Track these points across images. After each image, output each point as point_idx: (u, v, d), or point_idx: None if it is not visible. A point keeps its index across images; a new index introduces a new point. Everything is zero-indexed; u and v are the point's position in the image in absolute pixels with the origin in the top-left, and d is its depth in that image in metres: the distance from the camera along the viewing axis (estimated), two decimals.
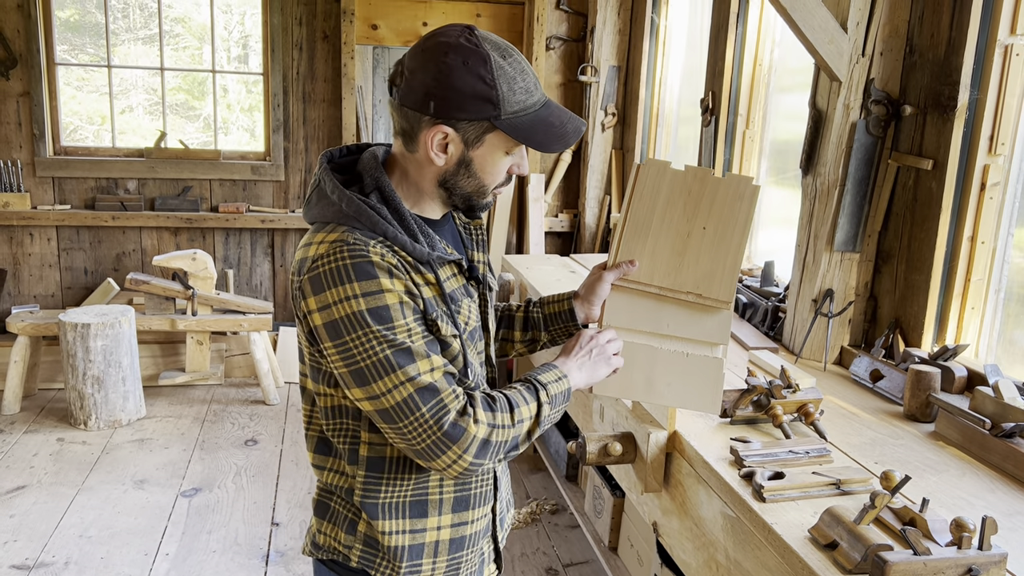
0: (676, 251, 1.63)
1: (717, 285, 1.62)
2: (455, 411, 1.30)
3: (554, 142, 1.37)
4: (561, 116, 1.38)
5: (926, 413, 2.18)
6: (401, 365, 1.28)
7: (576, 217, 5.49)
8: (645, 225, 1.63)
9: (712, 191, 1.60)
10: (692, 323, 1.63)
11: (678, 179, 1.61)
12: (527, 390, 1.41)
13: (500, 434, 1.33)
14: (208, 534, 3.42)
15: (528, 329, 1.72)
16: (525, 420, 1.38)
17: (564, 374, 1.47)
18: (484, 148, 1.36)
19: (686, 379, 1.63)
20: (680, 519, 2.04)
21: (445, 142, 1.34)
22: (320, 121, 5.25)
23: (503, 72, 1.31)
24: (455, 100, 1.30)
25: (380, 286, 1.28)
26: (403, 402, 1.28)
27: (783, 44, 3.54)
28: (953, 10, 2.37)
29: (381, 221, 1.32)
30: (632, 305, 1.65)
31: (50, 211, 4.96)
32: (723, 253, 1.61)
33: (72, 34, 5.27)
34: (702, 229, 1.62)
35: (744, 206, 1.60)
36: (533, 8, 5.17)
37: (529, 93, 1.35)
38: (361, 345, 1.28)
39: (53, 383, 4.91)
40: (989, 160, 2.38)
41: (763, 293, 3.14)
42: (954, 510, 1.69)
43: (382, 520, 1.41)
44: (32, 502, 3.62)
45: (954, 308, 2.47)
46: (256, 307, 4.86)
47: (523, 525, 3.58)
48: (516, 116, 1.33)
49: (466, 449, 1.29)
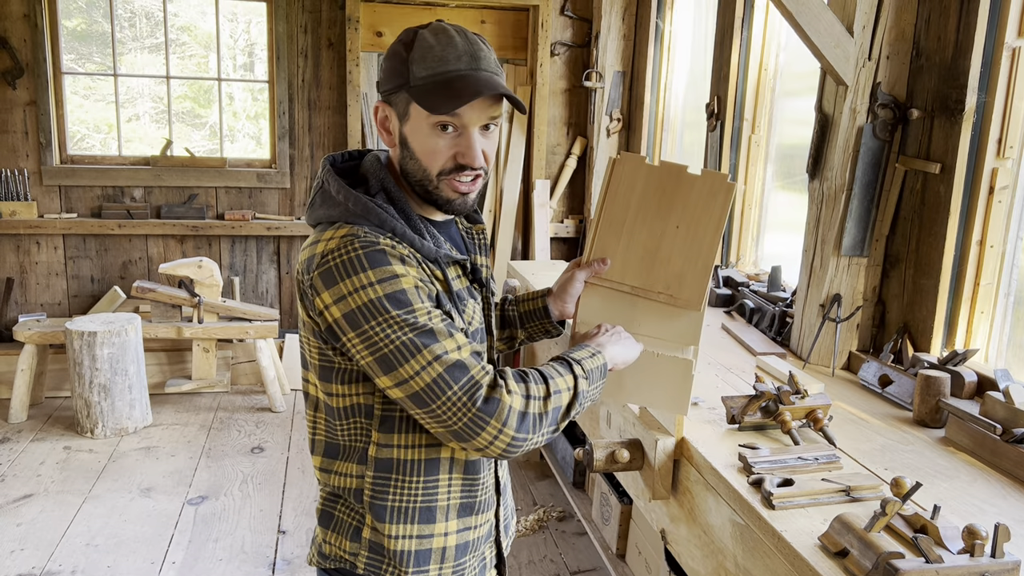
0: (649, 250, 1.61)
1: (688, 286, 1.60)
2: (487, 385, 1.28)
3: (443, 101, 1.31)
4: (473, 82, 1.32)
5: (936, 419, 2.17)
6: (427, 345, 1.26)
7: (581, 222, 5.49)
8: (619, 222, 1.61)
9: (687, 188, 1.58)
10: (663, 323, 1.61)
11: (653, 175, 1.59)
12: (560, 364, 1.39)
13: (536, 405, 1.30)
14: (215, 542, 3.42)
15: (505, 327, 1.73)
16: (562, 391, 1.34)
17: (598, 349, 1.45)
18: (412, 122, 1.36)
19: (655, 379, 1.60)
20: (688, 526, 2.03)
21: (387, 123, 1.40)
22: (325, 128, 5.26)
23: (422, 43, 1.34)
24: (383, 74, 1.39)
25: (394, 272, 1.28)
26: (433, 382, 1.26)
27: (788, 48, 3.53)
28: (960, 13, 2.36)
29: (389, 218, 1.33)
30: (605, 304, 1.64)
31: (57, 219, 4.97)
32: (695, 253, 1.59)
33: (79, 43, 5.29)
34: (675, 228, 1.59)
35: (718, 204, 1.56)
36: (538, 14, 5.17)
37: (444, 62, 1.33)
38: (383, 331, 1.26)
39: (60, 391, 4.92)
40: (998, 163, 2.36)
41: (770, 298, 3.13)
42: (966, 517, 1.67)
43: (389, 524, 1.40)
44: (39, 510, 3.61)
45: (963, 312, 2.46)
46: (262, 314, 4.87)
47: (530, 532, 3.56)
48: (424, 80, 1.33)
49: (505, 421, 1.26)
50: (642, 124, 4.98)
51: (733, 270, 3.70)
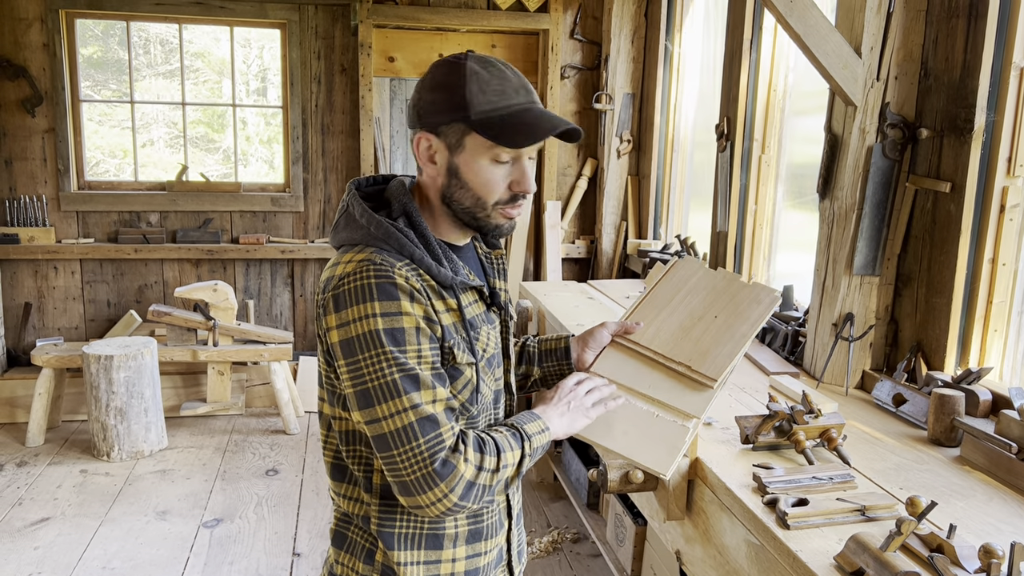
0: (684, 328, 1.67)
1: (709, 364, 1.61)
2: (449, 447, 1.29)
3: (521, 135, 1.34)
4: (540, 116, 1.36)
5: (951, 437, 2.16)
6: (407, 391, 1.28)
7: (593, 243, 5.50)
8: (663, 302, 1.71)
9: (735, 291, 1.68)
10: (673, 392, 1.61)
11: (708, 277, 1.71)
12: (513, 437, 1.39)
13: (485, 477, 1.32)
14: (230, 565, 3.43)
15: (522, 363, 1.72)
16: (509, 466, 1.36)
17: (546, 426, 1.45)
18: (466, 153, 1.37)
19: (645, 434, 1.56)
20: (703, 547, 2.02)
21: (432, 152, 1.38)
22: (339, 152, 5.31)
23: (476, 76, 1.34)
24: (430, 106, 1.36)
25: (400, 308, 1.29)
26: (403, 429, 1.28)
27: (797, 69, 3.55)
28: (967, 33, 2.37)
29: (408, 244, 1.35)
30: (623, 361, 1.66)
31: (74, 244, 5.03)
32: (725, 339, 1.63)
33: (95, 70, 5.38)
34: (714, 317, 1.66)
35: (760, 309, 1.65)
36: (548, 38, 5.23)
37: (504, 95, 1.35)
38: (373, 365, 1.29)
39: (77, 415, 4.96)
40: (1008, 182, 2.37)
41: (783, 318, 3.13)
42: (982, 536, 1.67)
43: (398, 551, 1.41)
44: (56, 534, 3.64)
45: (976, 330, 2.45)
46: (276, 337, 4.90)
47: (544, 554, 3.56)
48: (486, 115, 1.34)
49: (452, 488, 1.28)
50: (652, 145, 5.01)
51: None
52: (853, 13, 2.55)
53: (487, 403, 1.46)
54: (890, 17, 2.50)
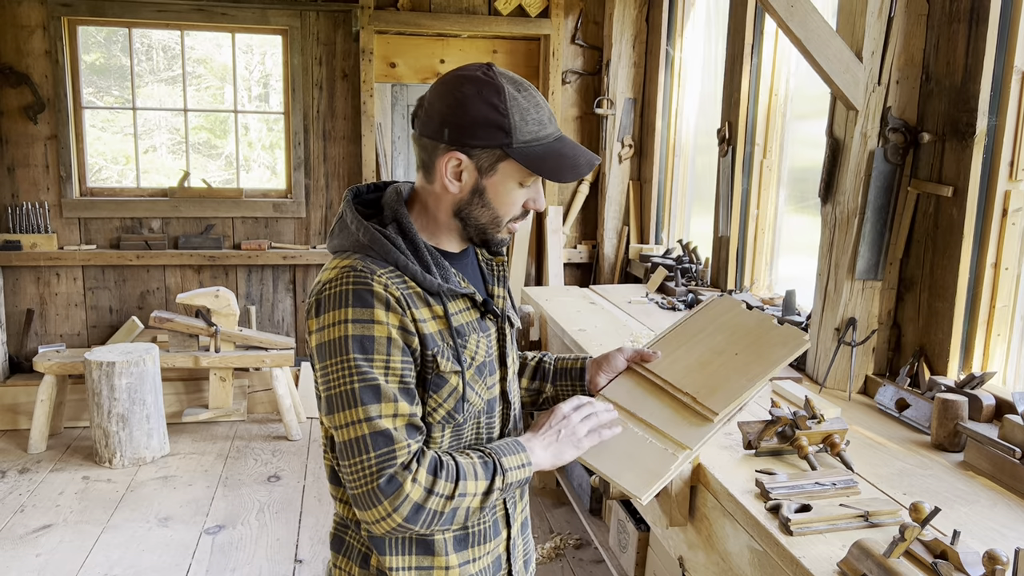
0: (701, 362, 1.65)
1: (715, 398, 1.58)
2: (400, 464, 1.27)
3: (567, 171, 1.37)
4: (575, 149, 1.39)
5: (954, 442, 2.15)
6: (364, 402, 1.28)
7: (595, 248, 5.50)
8: (688, 336, 1.70)
9: (763, 332, 1.66)
10: (672, 421, 1.57)
11: (740, 316, 1.69)
12: (484, 466, 1.36)
13: (435, 502, 1.29)
14: (232, 571, 3.42)
15: (535, 379, 1.71)
16: (467, 495, 1.32)
17: (528, 460, 1.41)
18: (497, 177, 1.37)
19: (630, 456, 1.52)
20: (706, 553, 2.02)
21: (459, 169, 1.37)
22: (340, 158, 5.32)
23: (516, 103, 1.34)
24: (468, 127, 1.33)
25: (373, 316, 1.29)
26: (354, 440, 1.28)
27: (799, 73, 3.55)
28: (968, 38, 2.37)
29: (394, 250, 1.35)
30: (634, 388, 1.64)
31: (76, 251, 5.04)
32: (739, 376, 1.60)
33: (97, 77, 5.39)
34: (734, 354, 1.64)
35: (785, 351, 1.63)
36: (549, 43, 5.23)
37: (542, 125, 1.36)
38: (338, 371, 1.29)
39: (79, 421, 4.96)
40: (1010, 186, 2.37)
41: (785, 322, 3.12)
42: (986, 542, 1.66)
43: (388, 556, 1.40)
44: (58, 541, 3.63)
45: (979, 335, 2.45)
46: (278, 343, 4.90)
47: (547, 560, 3.55)
48: (528, 145, 1.35)
49: (396, 508, 1.26)
50: (654, 150, 5.01)
51: (747, 294, 3.70)
52: (854, 17, 2.55)
53: (475, 411, 1.44)
54: (891, 21, 2.50)
